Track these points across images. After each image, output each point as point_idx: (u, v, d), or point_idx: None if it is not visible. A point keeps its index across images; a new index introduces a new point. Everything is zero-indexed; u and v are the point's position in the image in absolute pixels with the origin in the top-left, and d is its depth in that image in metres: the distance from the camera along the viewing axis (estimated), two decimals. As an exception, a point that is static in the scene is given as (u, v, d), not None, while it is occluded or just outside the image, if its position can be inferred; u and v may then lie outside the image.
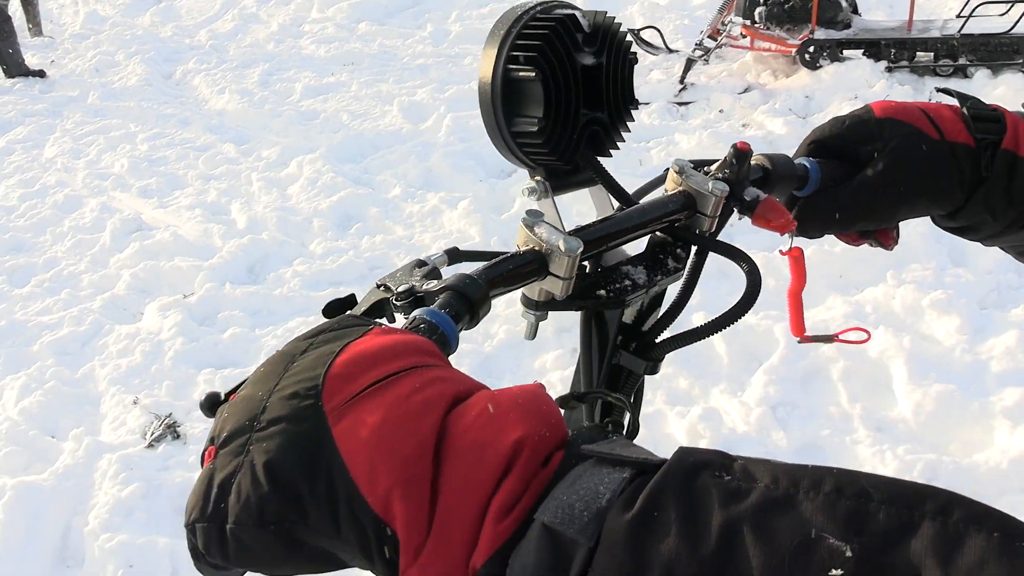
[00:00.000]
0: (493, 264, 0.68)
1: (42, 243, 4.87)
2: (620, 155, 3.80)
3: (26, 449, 3.08)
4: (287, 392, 0.48)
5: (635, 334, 0.87)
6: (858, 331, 0.94)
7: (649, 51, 7.57)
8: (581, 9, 0.86)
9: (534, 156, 0.84)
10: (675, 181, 0.84)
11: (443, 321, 0.60)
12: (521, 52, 0.80)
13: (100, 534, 2.63)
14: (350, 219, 4.93)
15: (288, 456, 0.46)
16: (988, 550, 0.34)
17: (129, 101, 7.43)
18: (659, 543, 0.39)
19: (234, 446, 0.48)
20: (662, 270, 0.83)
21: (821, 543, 0.36)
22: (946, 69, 6.46)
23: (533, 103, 0.81)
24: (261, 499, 0.45)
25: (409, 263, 0.77)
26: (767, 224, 0.83)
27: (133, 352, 3.65)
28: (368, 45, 8.72)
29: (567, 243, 0.68)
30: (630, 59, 0.88)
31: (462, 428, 0.46)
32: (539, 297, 0.75)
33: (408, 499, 0.44)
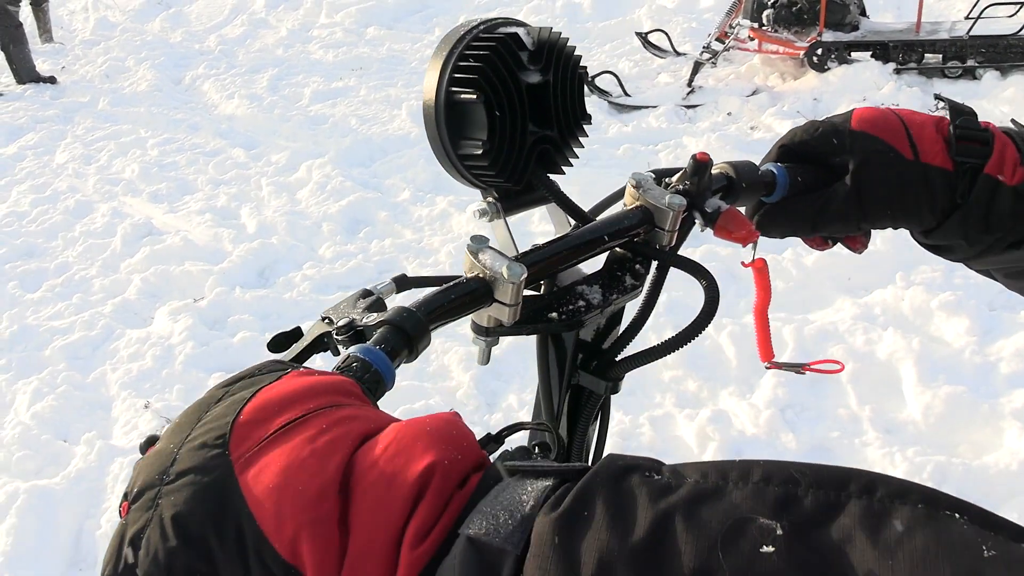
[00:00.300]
0: (434, 294, 0.67)
1: (53, 248, 4.90)
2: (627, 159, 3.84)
3: (38, 453, 3.10)
4: (196, 443, 0.48)
5: (595, 353, 0.86)
6: (831, 363, 0.92)
7: (657, 54, 7.58)
8: (527, 26, 0.83)
9: (482, 178, 0.82)
10: (633, 196, 0.82)
11: (377, 359, 0.59)
12: (462, 74, 0.78)
13: (112, 537, 2.65)
14: (359, 223, 4.95)
15: (196, 508, 0.45)
16: (914, 519, 0.35)
17: (139, 106, 7.47)
18: (590, 538, 0.39)
19: (144, 500, 0.47)
20: (618, 288, 0.81)
21: (751, 524, 0.37)
22: (955, 71, 6.45)
23: (477, 126, 0.79)
24: (169, 554, 0.45)
25: (354, 293, 0.76)
26: (728, 235, 0.82)
27: (144, 356, 3.67)
28: (376, 50, 8.75)
29: (511, 270, 0.67)
30: (579, 74, 0.86)
31: (368, 463, 0.46)
32: (487, 323, 0.74)
33: (315, 539, 0.44)
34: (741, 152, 5.47)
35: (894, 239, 3.99)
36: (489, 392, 3.38)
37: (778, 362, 0.94)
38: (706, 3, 9.00)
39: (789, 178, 0.89)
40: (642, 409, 3.17)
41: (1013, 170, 0.84)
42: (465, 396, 3.32)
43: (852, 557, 0.35)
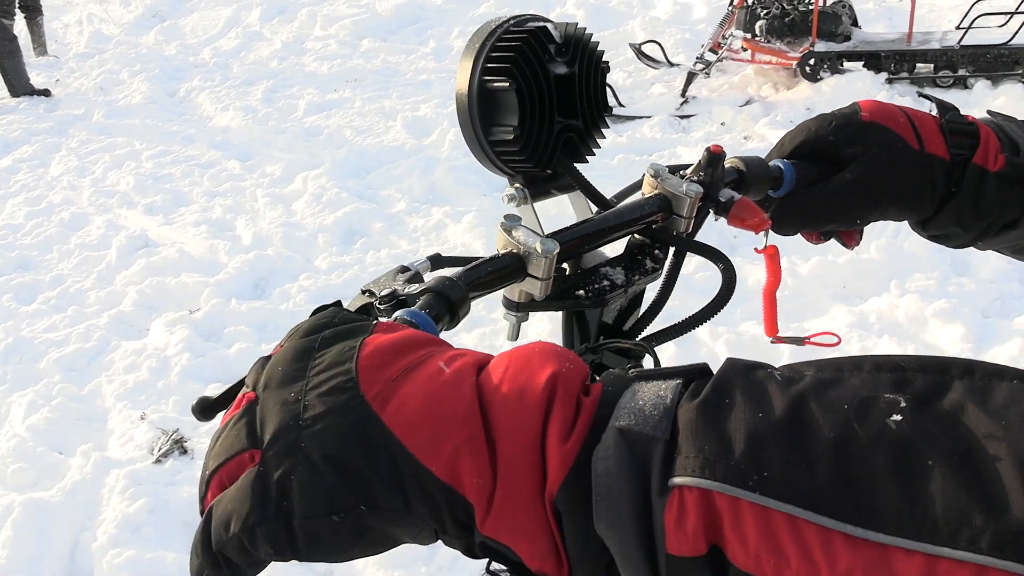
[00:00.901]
0: (472, 267, 0.70)
1: (48, 261, 4.90)
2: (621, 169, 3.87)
3: (33, 465, 3.09)
4: (323, 388, 0.51)
5: (616, 334, 0.89)
6: (829, 335, 0.96)
7: (651, 65, 7.62)
8: (553, 22, 0.88)
9: (512, 164, 0.87)
10: (651, 185, 0.86)
11: (423, 321, 0.62)
12: (495, 64, 0.82)
13: (108, 549, 2.64)
14: (355, 234, 4.95)
15: (346, 446, 0.48)
16: (1013, 391, 0.41)
17: (134, 119, 7.48)
18: (735, 418, 0.44)
19: (282, 446, 0.49)
20: (640, 270, 0.85)
21: (878, 399, 0.43)
22: (946, 80, 6.49)
23: (508, 112, 0.83)
24: (329, 490, 0.47)
25: (392, 269, 0.78)
26: (742, 223, 0.85)
27: (140, 368, 3.67)
28: (371, 61, 8.78)
29: (544, 245, 0.71)
30: (602, 68, 0.91)
31: (494, 385, 0.50)
32: (519, 298, 0.77)
33: (473, 456, 0.47)
34: (735, 162, 5.50)
35: (888, 247, 4.01)
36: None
37: (781, 336, 1.00)
38: (699, 14, 9.06)
39: (796, 173, 0.92)
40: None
41: (995, 158, 0.90)
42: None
43: (968, 422, 0.40)
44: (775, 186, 0.91)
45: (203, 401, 0.65)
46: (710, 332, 3.52)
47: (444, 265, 0.88)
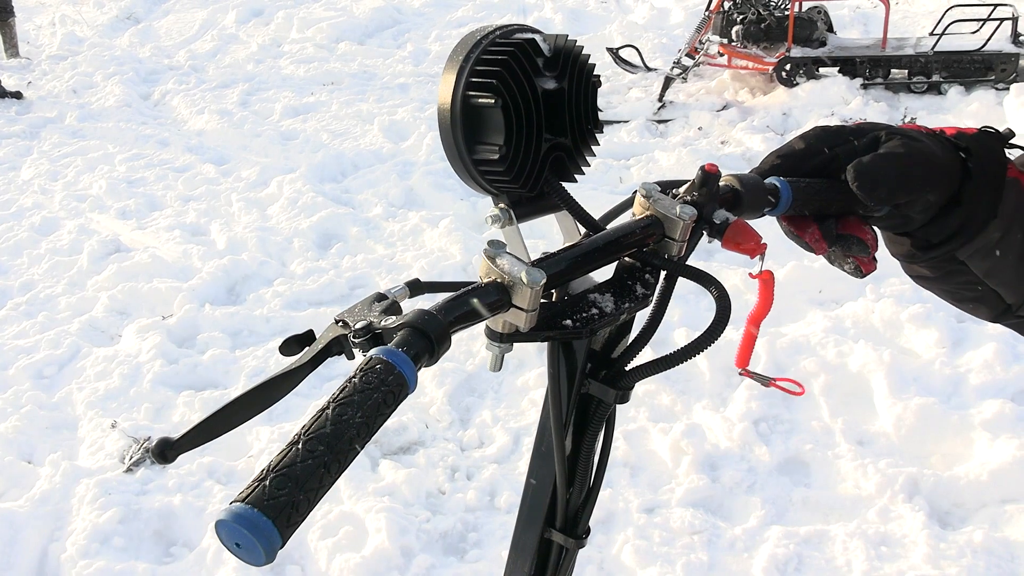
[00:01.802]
0: (454, 299, 0.66)
1: (18, 266, 4.82)
2: (599, 173, 3.85)
3: (1, 475, 3.03)
4: None
5: (604, 362, 0.86)
6: (793, 383, 0.94)
7: (628, 69, 7.63)
8: (542, 33, 0.84)
9: (496, 183, 0.82)
10: (642, 205, 0.83)
11: (401, 361, 0.58)
12: (480, 78, 0.78)
13: (78, 560, 2.59)
14: (331, 239, 4.92)
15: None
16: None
17: (107, 122, 7.39)
18: None
19: None
20: (630, 297, 0.81)
21: None
22: (920, 86, 6.55)
23: (494, 130, 0.79)
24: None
25: (368, 297, 0.75)
26: (737, 247, 0.82)
27: (111, 375, 3.61)
28: (348, 64, 8.73)
29: (530, 275, 0.67)
30: (593, 82, 0.86)
31: None
32: (503, 329, 0.73)
33: None
34: (712, 166, 5.51)
35: (864, 252, 4.03)
36: (463, 408, 3.36)
37: (750, 371, 0.97)
38: (676, 19, 9.09)
39: (792, 190, 0.89)
40: (616, 423, 3.16)
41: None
42: (439, 412, 3.30)
43: None
44: (772, 205, 0.89)
45: (163, 443, 0.62)
46: (689, 338, 3.52)
47: (423, 291, 0.84)
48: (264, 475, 0.51)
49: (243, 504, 0.49)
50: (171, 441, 0.64)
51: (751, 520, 2.72)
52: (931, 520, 2.63)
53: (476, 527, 2.78)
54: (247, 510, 0.49)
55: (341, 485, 2.87)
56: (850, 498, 2.78)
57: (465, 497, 2.87)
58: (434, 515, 2.80)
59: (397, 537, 2.62)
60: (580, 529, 0.92)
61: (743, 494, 2.83)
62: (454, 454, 3.09)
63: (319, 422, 0.54)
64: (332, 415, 0.54)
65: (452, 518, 2.78)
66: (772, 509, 2.76)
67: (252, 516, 0.48)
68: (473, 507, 2.84)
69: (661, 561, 2.56)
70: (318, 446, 0.52)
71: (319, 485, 0.51)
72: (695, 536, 2.66)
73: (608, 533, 2.71)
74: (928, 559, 2.50)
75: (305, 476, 0.51)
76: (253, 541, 0.48)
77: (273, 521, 0.49)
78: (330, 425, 0.53)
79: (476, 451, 3.13)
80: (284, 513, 0.49)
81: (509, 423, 3.22)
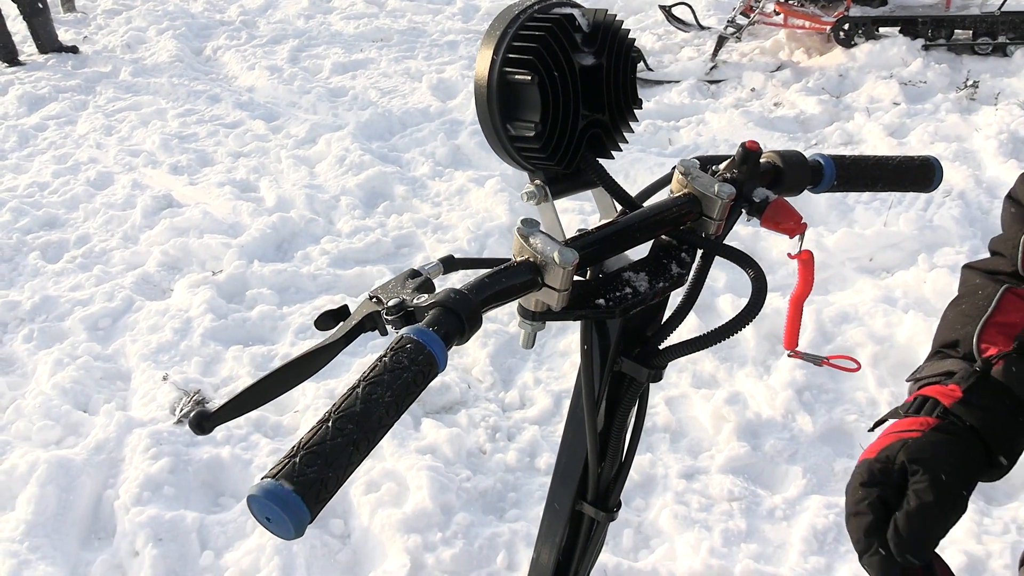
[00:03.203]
0: (486, 278, 0.66)
1: (74, 219, 4.93)
2: (648, 135, 3.80)
3: (58, 423, 3.14)
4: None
5: (638, 340, 0.85)
6: (848, 359, 0.93)
7: (680, 28, 7.48)
8: (581, 7, 0.82)
9: (532, 160, 0.81)
10: (680, 183, 0.81)
11: (431, 340, 0.59)
12: (517, 55, 0.76)
13: (130, 507, 2.68)
14: (377, 197, 4.94)
15: None
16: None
17: (160, 77, 7.47)
18: None
19: None
20: (665, 276, 0.80)
21: None
22: (985, 47, 6.33)
23: (530, 107, 0.78)
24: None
25: (403, 273, 0.75)
26: (776, 227, 0.81)
27: (163, 328, 3.70)
28: (397, 21, 8.70)
29: (562, 255, 0.67)
30: (632, 58, 0.84)
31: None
32: (535, 308, 0.73)
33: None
34: (763, 128, 5.41)
35: (917, 220, 3.93)
36: (505, 369, 3.38)
37: (800, 351, 0.96)
38: (731, -24, 8.86)
39: (836, 167, 0.87)
40: (657, 388, 3.16)
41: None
42: (481, 373, 3.33)
43: None
44: (814, 181, 0.87)
45: (200, 415, 0.64)
46: (735, 305, 3.49)
47: (456, 268, 0.84)
48: (295, 451, 0.52)
49: (274, 480, 0.50)
50: (208, 413, 0.66)
51: (791, 489, 2.71)
52: (976, 495, 2.60)
53: (516, 487, 2.81)
54: (277, 486, 0.50)
55: (384, 443, 2.91)
56: (893, 470, 2.75)
57: (505, 457, 2.90)
58: (474, 474, 2.83)
59: (438, 495, 2.66)
60: (611, 503, 0.92)
61: (784, 463, 2.82)
62: (495, 415, 3.11)
63: (349, 400, 0.55)
64: (362, 394, 0.55)
65: (492, 478, 2.82)
66: (813, 479, 2.75)
67: (282, 492, 0.50)
68: (513, 468, 2.87)
69: (699, 527, 2.57)
70: (347, 424, 0.53)
71: (348, 463, 0.52)
72: (734, 503, 2.66)
73: (646, 498, 2.72)
74: (971, 534, 2.47)
75: (335, 454, 0.52)
76: (283, 516, 0.50)
77: (303, 497, 0.50)
78: (360, 404, 0.54)
79: (517, 412, 3.15)
80: (313, 490, 0.51)
81: (551, 385, 3.24)
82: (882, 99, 5.74)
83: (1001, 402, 0.88)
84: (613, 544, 2.57)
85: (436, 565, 2.48)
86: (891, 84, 5.85)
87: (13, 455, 2.95)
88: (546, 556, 0.97)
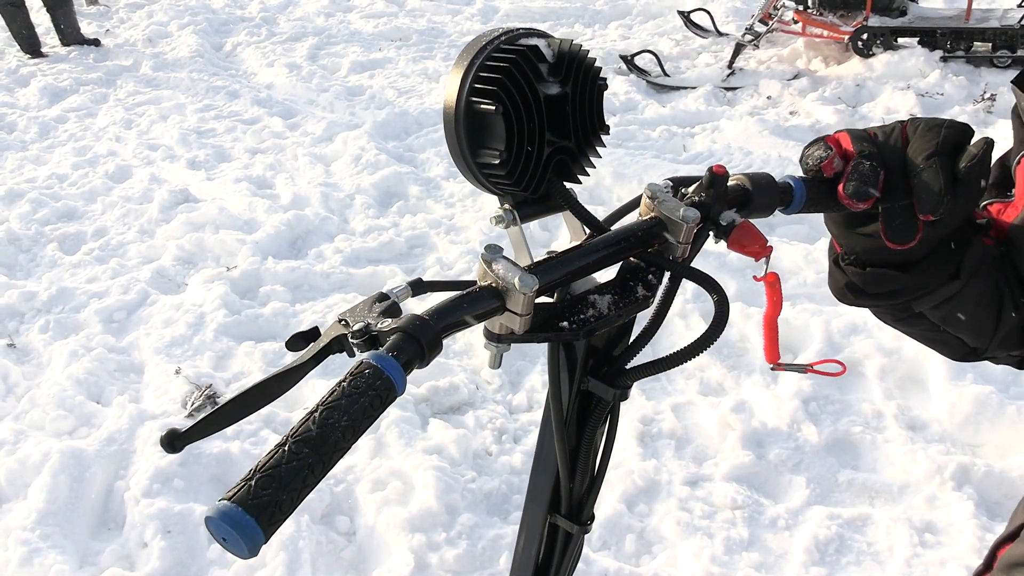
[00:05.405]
0: (447, 304, 0.68)
1: (92, 211, 4.99)
2: (662, 141, 3.83)
3: (72, 413, 3.18)
4: None
5: (605, 360, 0.87)
6: (833, 363, 0.94)
7: (698, 34, 7.49)
8: (549, 37, 0.84)
9: (499, 185, 0.83)
10: (648, 206, 0.83)
11: (389, 366, 0.61)
12: (483, 84, 0.79)
13: (140, 499, 2.72)
14: (392, 197, 4.97)
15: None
16: None
17: (180, 72, 7.54)
18: None
19: None
20: (630, 299, 0.82)
21: None
22: (1004, 60, 6.30)
23: (495, 136, 0.80)
24: None
25: (371, 297, 0.77)
26: (742, 249, 0.83)
27: (177, 322, 3.74)
28: (416, 20, 8.73)
29: (523, 281, 0.69)
30: (599, 86, 0.87)
31: None
32: (499, 330, 0.75)
33: None
34: (778, 136, 5.41)
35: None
36: (513, 371, 3.41)
37: (782, 363, 0.97)
38: (751, -18, 8.85)
39: (807, 190, 0.89)
40: (665, 395, 3.18)
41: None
42: (489, 374, 3.35)
43: None
44: (784, 202, 0.89)
45: (171, 434, 0.67)
46: (742, 314, 3.50)
47: (426, 290, 0.86)
48: (251, 475, 0.54)
49: (229, 503, 0.52)
50: (179, 432, 0.69)
51: (794, 499, 2.73)
52: (979, 510, 2.60)
53: (520, 490, 2.83)
54: (232, 508, 0.52)
55: (391, 442, 2.95)
56: (897, 483, 2.76)
57: (511, 459, 2.93)
58: (480, 475, 2.86)
59: (443, 495, 2.69)
60: (584, 516, 0.95)
61: (788, 472, 2.83)
62: (502, 416, 3.14)
63: (306, 425, 0.57)
64: (319, 418, 0.57)
65: (497, 479, 2.84)
66: (816, 489, 2.76)
67: (236, 514, 0.52)
68: (518, 470, 2.90)
69: (701, 534, 2.59)
70: (303, 448, 0.55)
71: (303, 485, 0.55)
72: (737, 511, 2.67)
73: (650, 503, 2.74)
74: (973, 549, 2.48)
75: (289, 477, 0.54)
76: (237, 537, 0.52)
77: (256, 519, 0.52)
78: (316, 428, 0.56)
79: (524, 415, 3.18)
80: (267, 512, 0.53)
81: (558, 389, 3.26)
82: (899, 110, 5.73)
83: None
84: (615, 548, 2.59)
85: (440, 565, 2.51)
86: (908, 95, 5.84)
87: (27, 444, 2.99)
88: (524, 565, 1.00)
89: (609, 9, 8.66)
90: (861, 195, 0.85)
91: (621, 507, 2.68)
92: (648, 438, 3.00)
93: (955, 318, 0.95)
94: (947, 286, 0.91)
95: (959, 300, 0.92)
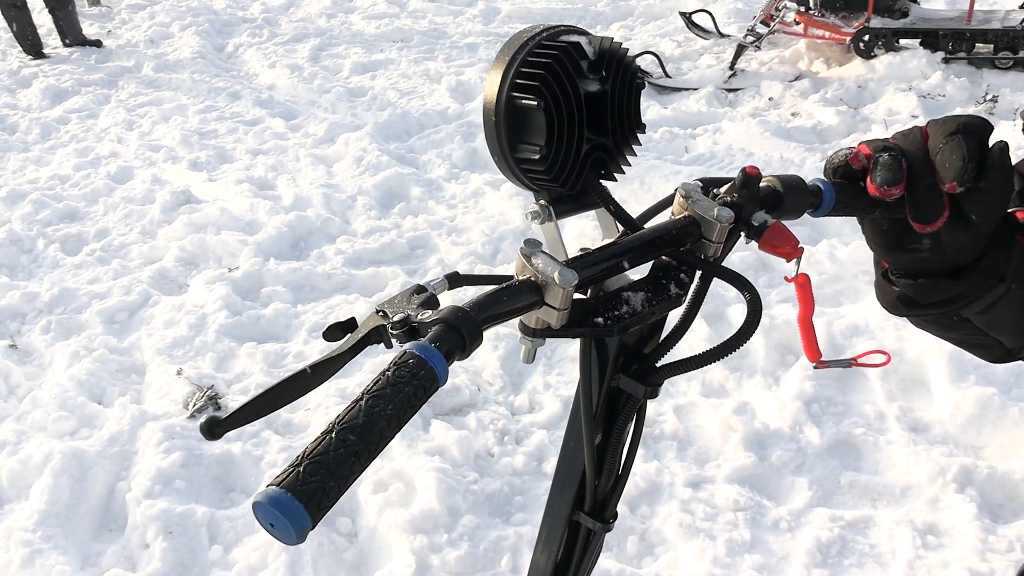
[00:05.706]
0: (488, 296, 0.69)
1: (94, 212, 4.99)
2: (664, 143, 3.83)
3: (73, 414, 3.18)
4: None
5: (636, 357, 0.88)
6: (878, 354, 0.94)
7: (700, 35, 7.48)
8: (589, 34, 0.85)
9: (537, 181, 0.84)
10: (681, 205, 0.84)
11: (432, 356, 0.61)
12: (524, 80, 0.80)
13: (142, 500, 2.72)
14: (393, 198, 4.98)
15: None
16: None
17: (182, 73, 7.54)
18: None
19: None
20: (663, 296, 0.82)
21: None
22: (1005, 62, 6.30)
23: (536, 131, 0.81)
24: None
25: (409, 288, 0.78)
26: (773, 250, 0.83)
27: (178, 323, 3.74)
28: (418, 22, 8.74)
29: (562, 276, 0.69)
30: (636, 84, 0.87)
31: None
32: (536, 325, 0.75)
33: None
34: (779, 138, 5.41)
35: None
36: (515, 372, 3.41)
37: (825, 360, 0.98)
38: (753, -16, 8.85)
39: (836, 193, 0.89)
40: (666, 397, 3.18)
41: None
42: (491, 376, 3.35)
43: None
44: (814, 205, 0.89)
45: (211, 421, 0.67)
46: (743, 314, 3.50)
47: (462, 284, 0.87)
48: (299, 461, 0.55)
49: (278, 488, 0.53)
50: (219, 420, 0.69)
51: (796, 501, 2.72)
52: (982, 512, 2.60)
53: (522, 491, 2.83)
54: (282, 494, 0.53)
55: (393, 443, 2.94)
56: (900, 485, 2.76)
57: (513, 461, 2.93)
58: (482, 477, 2.86)
59: (445, 496, 2.69)
60: (607, 514, 0.95)
61: (790, 474, 2.83)
62: (504, 418, 3.14)
63: (352, 413, 0.57)
64: (365, 406, 0.57)
65: (499, 481, 2.84)
66: (819, 491, 2.75)
67: (286, 500, 0.52)
68: (520, 471, 2.90)
69: (703, 536, 2.59)
70: (350, 436, 0.56)
71: (349, 473, 0.55)
72: (739, 513, 2.67)
73: (652, 505, 2.74)
74: (976, 551, 2.47)
75: (337, 464, 0.55)
76: (286, 523, 0.52)
77: (305, 505, 0.53)
78: (363, 416, 0.57)
79: (526, 416, 3.18)
80: (315, 498, 0.53)
81: (560, 390, 3.26)
82: (900, 111, 5.73)
83: None
84: (617, 550, 2.59)
85: (441, 566, 2.51)
86: (910, 96, 5.84)
87: (28, 445, 2.99)
88: (544, 562, 1.00)
89: (611, 10, 8.67)
90: (889, 181, 0.84)
91: (623, 509, 2.68)
92: (650, 440, 2.99)
93: (999, 320, 0.94)
94: (994, 290, 0.91)
95: (1004, 302, 0.92)
